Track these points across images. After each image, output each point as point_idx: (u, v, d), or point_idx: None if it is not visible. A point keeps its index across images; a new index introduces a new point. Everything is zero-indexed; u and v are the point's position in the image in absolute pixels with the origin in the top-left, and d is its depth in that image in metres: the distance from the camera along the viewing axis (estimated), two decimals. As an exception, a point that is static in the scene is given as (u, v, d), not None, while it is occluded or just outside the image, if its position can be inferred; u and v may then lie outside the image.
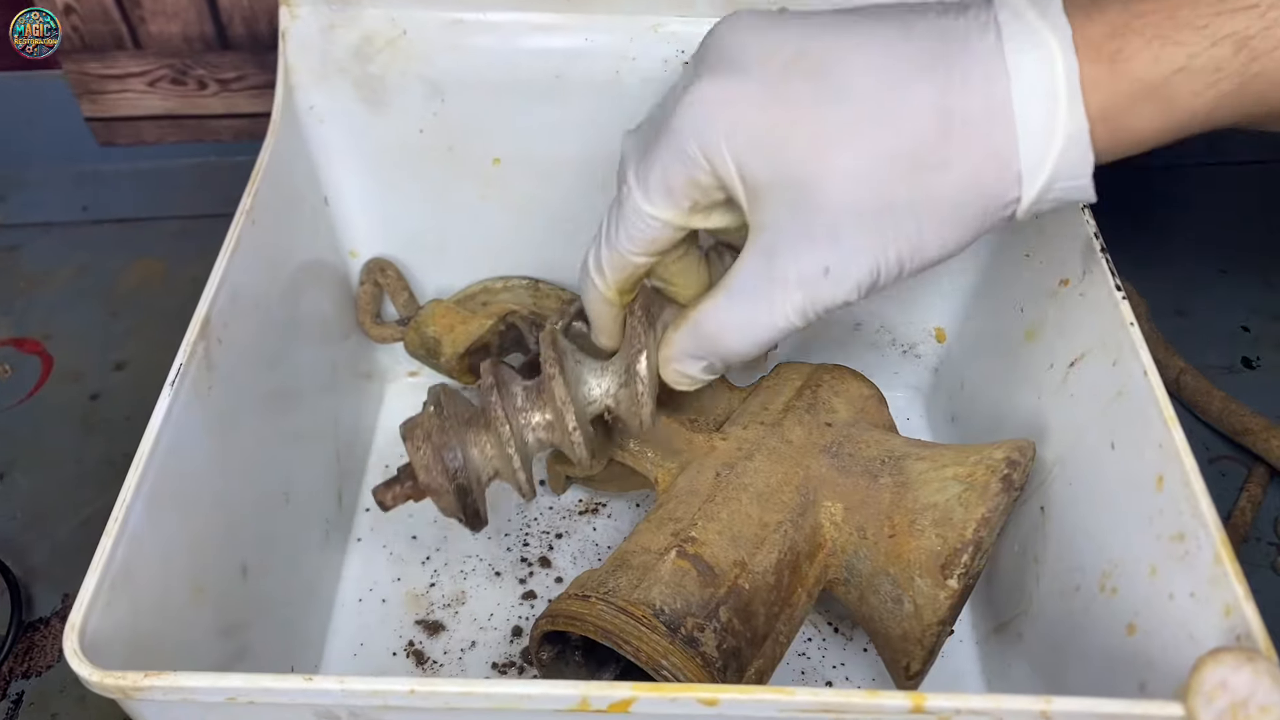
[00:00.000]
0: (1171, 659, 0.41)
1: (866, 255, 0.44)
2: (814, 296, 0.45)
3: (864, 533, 0.53)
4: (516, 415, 0.52)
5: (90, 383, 0.73)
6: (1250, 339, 0.76)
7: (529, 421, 0.53)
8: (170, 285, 0.79)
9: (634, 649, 0.46)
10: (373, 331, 0.68)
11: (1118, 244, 0.52)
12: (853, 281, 0.44)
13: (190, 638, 0.46)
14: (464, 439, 0.52)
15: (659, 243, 0.48)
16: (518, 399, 0.53)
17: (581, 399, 0.53)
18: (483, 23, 0.58)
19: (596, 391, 0.53)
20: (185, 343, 0.46)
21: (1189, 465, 0.42)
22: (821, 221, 0.43)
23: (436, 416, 0.52)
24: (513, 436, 0.52)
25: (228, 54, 0.79)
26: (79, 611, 0.38)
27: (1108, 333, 0.49)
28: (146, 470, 0.42)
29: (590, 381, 0.53)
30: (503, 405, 0.52)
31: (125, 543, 0.40)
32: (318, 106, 0.60)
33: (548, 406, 0.52)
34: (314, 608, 0.60)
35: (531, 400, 0.53)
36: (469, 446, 0.53)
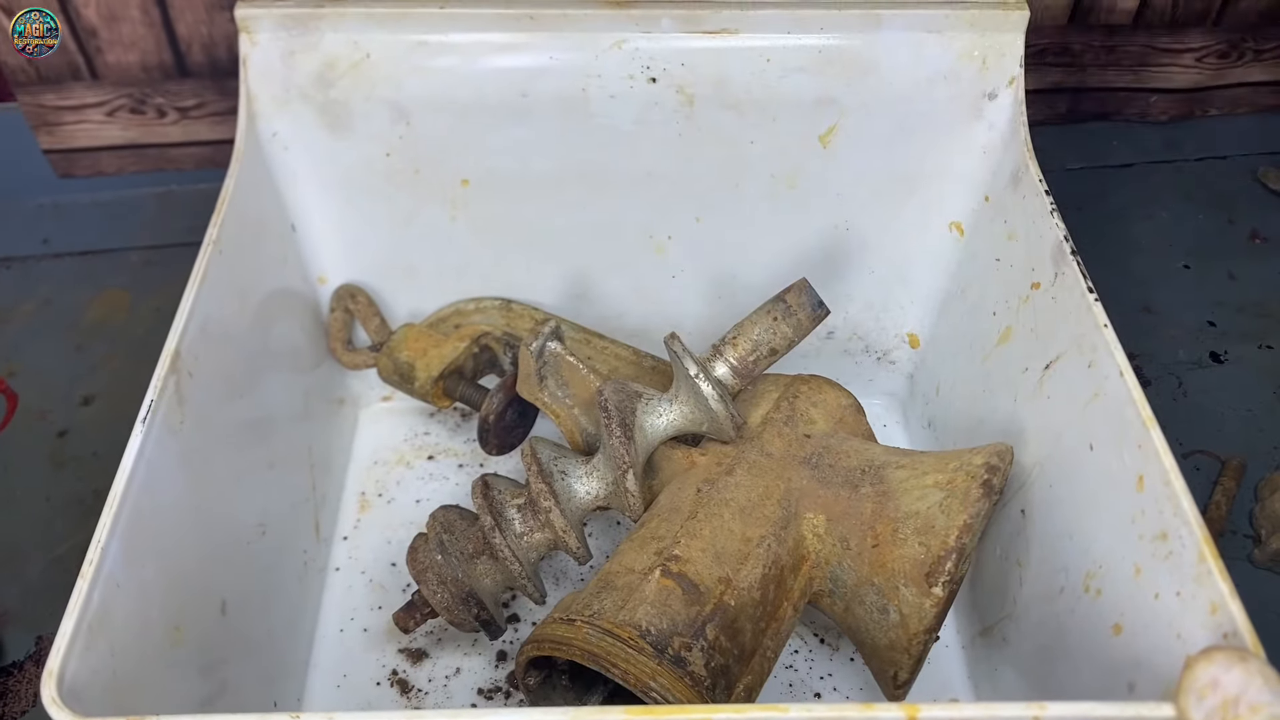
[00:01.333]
0: (1159, 658, 0.41)
1: None
2: None
3: (847, 544, 0.52)
4: (519, 541, 0.55)
5: (58, 419, 0.72)
6: (1217, 333, 0.76)
7: (531, 542, 0.55)
8: (136, 316, 0.78)
9: (621, 671, 0.46)
10: (345, 359, 0.67)
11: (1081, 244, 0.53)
12: None
13: (170, 677, 0.45)
14: (473, 573, 0.55)
15: None
16: (515, 525, 0.55)
17: (574, 512, 0.55)
18: (446, 44, 0.58)
19: (587, 498, 0.55)
20: (155, 378, 0.46)
21: (1169, 464, 0.43)
22: None
23: (444, 558, 0.55)
24: (516, 559, 0.55)
25: (187, 82, 0.78)
26: (56, 657, 0.37)
27: (1082, 334, 0.50)
28: (120, 509, 0.41)
29: (578, 490, 0.55)
30: (504, 539, 0.54)
31: (101, 584, 0.40)
32: (281, 133, 0.60)
33: (545, 527, 0.55)
34: (294, 640, 0.59)
35: (528, 523, 0.55)
36: (480, 579, 0.55)
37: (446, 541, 0.55)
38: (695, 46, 0.59)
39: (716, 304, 0.68)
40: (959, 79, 0.59)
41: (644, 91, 0.60)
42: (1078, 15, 0.81)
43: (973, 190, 0.62)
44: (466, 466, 0.69)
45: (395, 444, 0.70)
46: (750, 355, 0.53)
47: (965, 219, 0.63)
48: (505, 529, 0.55)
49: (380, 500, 0.67)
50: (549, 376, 0.59)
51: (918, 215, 0.64)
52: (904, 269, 0.66)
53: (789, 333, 0.52)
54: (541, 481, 0.54)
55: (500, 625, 0.58)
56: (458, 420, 0.72)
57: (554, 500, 0.53)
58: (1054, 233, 0.53)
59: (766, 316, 0.53)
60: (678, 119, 0.61)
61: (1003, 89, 0.59)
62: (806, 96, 0.60)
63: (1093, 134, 0.87)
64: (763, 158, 0.62)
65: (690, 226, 0.65)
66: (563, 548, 0.55)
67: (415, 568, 0.56)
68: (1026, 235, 0.56)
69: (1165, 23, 0.82)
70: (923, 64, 0.59)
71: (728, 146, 0.62)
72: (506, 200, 0.64)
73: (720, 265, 0.67)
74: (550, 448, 0.56)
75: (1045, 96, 0.85)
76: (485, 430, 0.62)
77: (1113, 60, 0.84)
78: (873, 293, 0.68)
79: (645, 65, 0.59)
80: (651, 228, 0.65)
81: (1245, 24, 0.83)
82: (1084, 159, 0.86)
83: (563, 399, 0.59)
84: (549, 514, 0.54)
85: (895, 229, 0.65)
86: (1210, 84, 0.87)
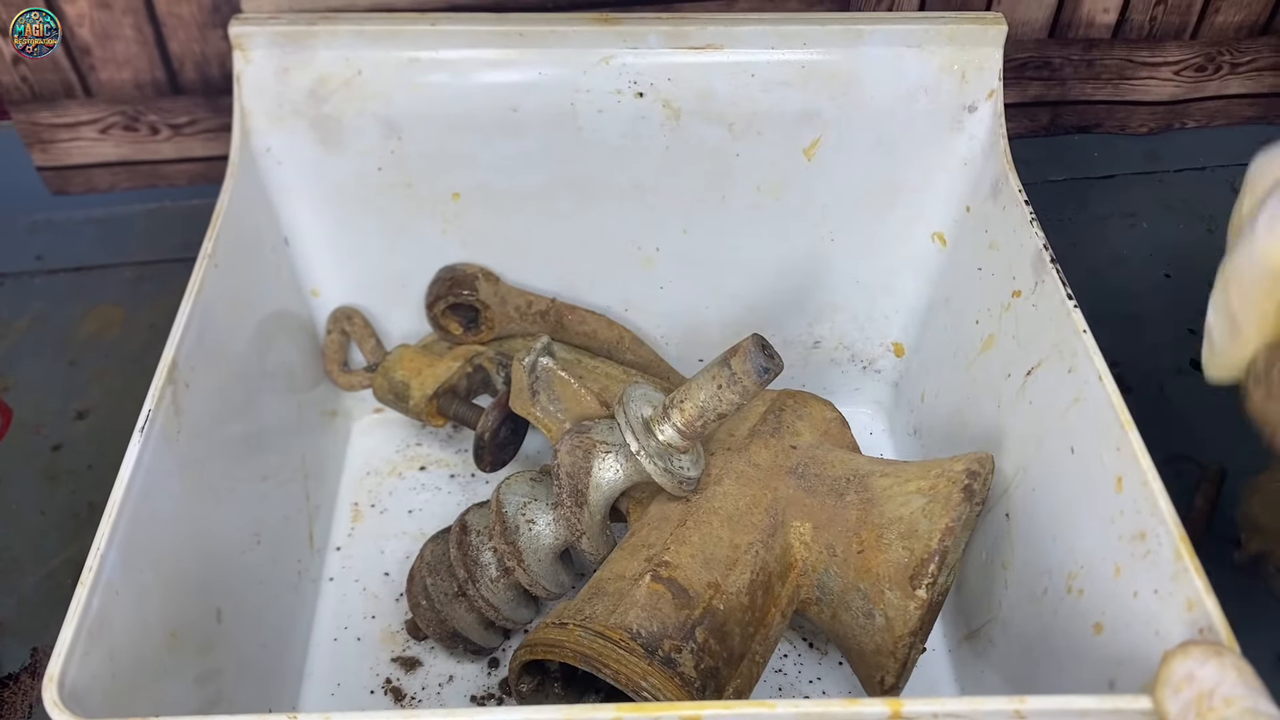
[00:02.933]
0: (1138, 655, 0.42)
1: None
2: None
3: (833, 550, 0.53)
4: (494, 586, 0.57)
5: (51, 433, 0.72)
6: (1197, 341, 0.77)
7: (509, 583, 0.57)
8: (129, 331, 0.79)
9: (613, 671, 0.47)
10: (341, 380, 0.68)
11: (1064, 254, 0.54)
12: None
13: (166, 684, 0.45)
14: (457, 613, 0.58)
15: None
16: (491, 570, 0.57)
17: (543, 561, 0.56)
18: (437, 60, 0.59)
19: (556, 543, 0.56)
20: (153, 388, 0.46)
21: (1146, 465, 0.44)
22: None
23: (427, 603, 0.58)
24: (492, 606, 0.57)
25: (180, 99, 0.79)
26: (57, 662, 0.37)
27: (1062, 340, 0.51)
28: (119, 517, 0.42)
29: (545, 538, 0.56)
30: (478, 589, 0.57)
31: (100, 591, 0.40)
32: (275, 148, 0.61)
33: (517, 570, 0.56)
34: (289, 648, 0.60)
35: (502, 569, 0.57)
36: (465, 616, 0.58)
37: (430, 586, 0.58)
38: (681, 62, 0.60)
39: (704, 314, 0.69)
40: (939, 92, 0.61)
41: (631, 106, 0.61)
42: (1057, 29, 0.82)
43: (954, 201, 0.63)
44: (458, 477, 0.70)
45: (388, 455, 0.71)
46: (698, 420, 0.52)
47: (947, 229, 0.64)
48: (480, 577, 0.57)
49: (373, 511, 0.68)
50: (541, 391, 0.60)
51: (901, 226, 0.65)
52: (888, 279, 0.68)
53: (735, 399, 0.51)
54: (505, 542, 0.55)
55: (492, 647, 0.60)
56: (449, 432, 0.73)
57: (518, 560, 0.55)
58: (1034, 241, 0.54)
59: (711, 382, 0.52)
60: (664, 133, 0.62)
61: (982, 102, 0.60)
62: (791, 110, 0.61)
63: (1074, 146, 0.88)
64: (748, 170, 0.63)
65: (677, 238, 0.66)
66: (535, 593, 0.57)
67: (410, 599, 0.59)
68: (1007, 244, 0.57)
69: (1144, 37, 0.83)
70: (904, 78, 0.60)
71: (714, 160, 0.63)
72: (496, 213, 0.65)
73: (707, 277, 0.68)
74: (520, 492, 0.57)
75: (1026, 110, 0.86)
76: (480, 448, 0.63)
77: (1092, 74, 0.85)
78: (858, 303, 0.69)
79: (632, 80, 0.60)
80: (639, 240, 0.66)
81: (1222, 38, 0.85)
82: (1065, 171, 0.87)
83: (555, 413, 0.60)
84: (515, 573, 0.56)
85: (879, 239, 0.66)
86: (1188, 97, 0.88)
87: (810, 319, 0.70)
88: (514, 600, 0.57)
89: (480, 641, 0.59)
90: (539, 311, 0.67)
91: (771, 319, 0.69)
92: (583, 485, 0.53)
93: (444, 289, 0.65)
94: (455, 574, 0.57)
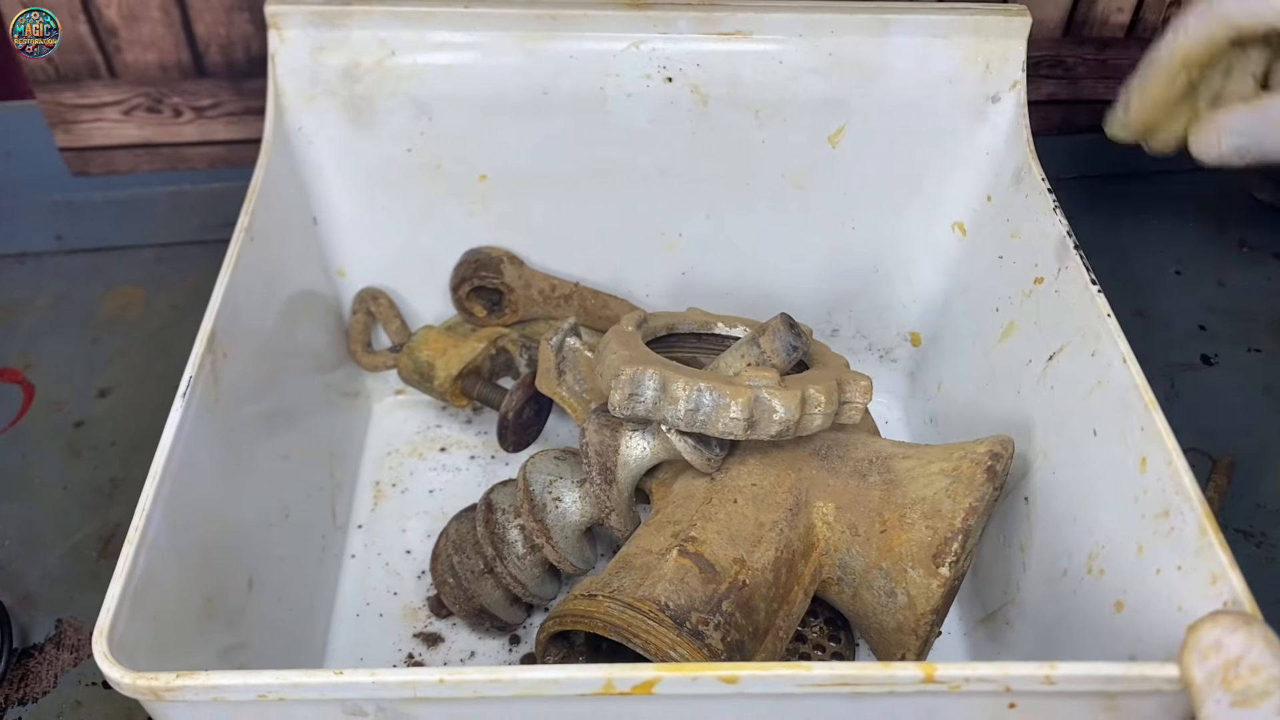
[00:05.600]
0: (1160, 631, 0.43)
1: None
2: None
3: (856, 530, 0.54)
4: (520, 563, 0.57)
5: (73, 410, 0.73)
6: (1208, 336, 0.79)
7: (536, 559, 0.58)
8: (150, 311, 0.79)
9: (643, 642, 0.47)
10: (365, 360, 0.68)
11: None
12: None
13: (200, 649, 0.46)
14: (483, 589, 0.58)
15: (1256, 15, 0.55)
16: (517, 546, 0.57)
17: (569, 538, 0.57)
18: (470, 42, 0.60)
19: (583, 520, 0.57)
20: (193, 356, 0.47)
21: (1171, 445, 0.45)
22: None
23: (455, 580, 0.59)
24: (519, 582, 0.58)
25: (204, 81, 0.80)
26: (106, 616, 0.38)
27: (1086, 325, 0.52)
28: (163, 479, 0.43)
29: (572, 515, 0.57)
30: (506, 566, 0.57)
31: (146, 551, 0.41)
32: (307, 127, 0.61)
33: (545, 546, 0.56)
34: (312, 623, 0.60)
35: (529, 545, 0.57)
36: (491, 592, 0.58)
37: (457, 564, 0.58)
38: (711, 48, 0.61)
39: (725, 301, 0.70)
40: (963, 82, 0.61)
41: (660, 91, 0.62)
42: (1072, 28, 0.83)
43: (975, 190, 0.64)
44: (478, 458, 0.71)
45: (408, 435, 0.72)
46: None
47: (967, 218, 0.65)
48: (507, 554, 0.57)
49: (394, 490, 0.69)
50: (567, 371, 0.60)
51: (922, 215, 0.66)
52: (907, 268, 0.68)
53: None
54: (533, 519, 0.56)
55: (515, 623, 0.61)
56: (468, 415, 0.73)
57: (546, 537, 0.56)
58: (1057, 229, 0.55)
59: (740, 360, 0.53)
60: (691, 118, 0.63)
61: (1005, 92, 0.61)
62: (816, 98, 0.62)
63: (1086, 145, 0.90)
64: (773, 157, 0.64)
65: (701, 223, 0.67)
66: (563, 569, 0.57)
67: (435, 576, 0.60)
68: (1029, 232, 0.58)
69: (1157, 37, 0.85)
70: (929, 68, 0.61)
71: (739, 146, 0.64)
72: (523, 196, 0.65)
73: (729, 262, 0.69)
74: (546, 470, 0.58)
75: (1040, 108, 0.87)
76: (504, 428, 0.64)
77: (1106, 73, 0.86)
78: (876, 291, 0.70)
79: (662, 65, 0.61)
80: (663, 224, 0.67)
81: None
82: (1077, 169, 0.88)
83: (580, 393, 0.61)
84: (543, 549, 0.56)
85: (899, 228, 0.67)
86: (1199, 97, 0.89)
87: (829, 307, 0.71)
88: (540, 577, 0.58)
89: (505, 617, 0.59)
90: (562, 295, 0.68)
91: (790, 306, 0.69)
92: (610, 462, 0.54)
93: (469, 271, 0.66)
94: (482, 551, 0.58)
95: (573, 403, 0.61)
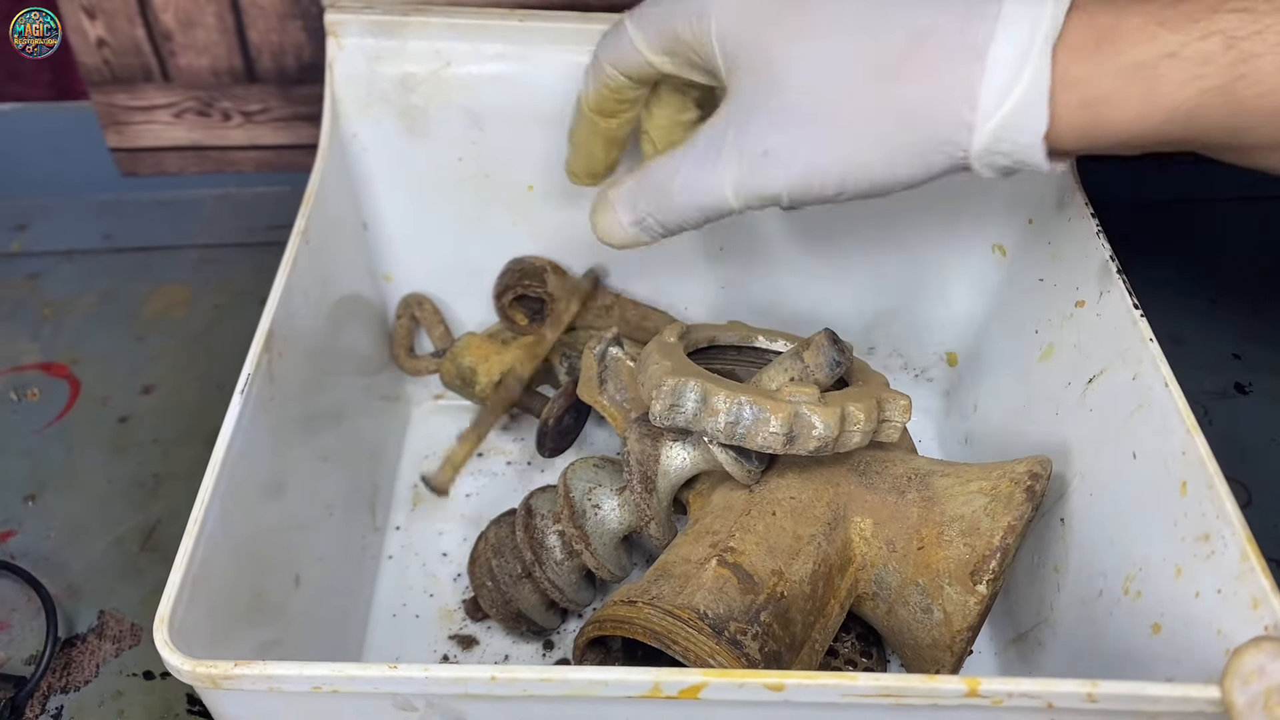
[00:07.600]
0: (1198, 654, 0.43)
1: (806, 149, 0.46)
2: (747, 175, 0.48)
3: (893, 546, 0.55)
4: (559, 569, 0.58)
5: (118, 406, 0.74)
6: (1242, 365, 0.79)
7: (574, 565, 0.58)
8: (195, 311, 0.81)
9: (682, 649, 0.48)
10: (407, 365, 0.70)
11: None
12: (785, 175, 0.47)
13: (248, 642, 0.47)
14: (521, 594, 0.59)
15: (630, 67, 0.52)
16: (556, 552, 0.58)
17: (608, 545, 0.58)
18: (523, 55, 0.61)
19: (621, 527, 0.58)
20: (251, 354, 0.48)
21: (1213, 469, 0.45)
22: (777, 100, 0.46)
23: (493, 584, 0.59)
24: (558, 588, 0.59)
25: (254, 87, 0.81)
26: (166, 604, 0.39)
27: (1127, 349, 0.52)
28: (221, 472, 0.44)
29: (611, 522, 0.57)
30: (544, 571, 0.58)
31: (204, 542, 0.42)
32: (361, 134, 0.62)
33: (584, 552, 0.57)
34: (350, 623, 0.61)
35: (567, 551, 0.58)
36: (529, 597, 0.59)
37: (495, 567, 0.59)
38: (759, 67, 0.62)
39: (763, 315, 0.71)
40: (1008, 107, 0.62)
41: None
42: (1113, 56, 0.84)
43: (1017, 213, 0.64)
44: (515, 463, 0.72)
45: (446, 440, 0.73)
46: None
47: (1008, 241, 0.65)
48: (545, 559, 0.58)
49: (431, 494, 0.70)
50: (609, 380, 0.61)
51: (962, 236, 0.66)
52: (946, 289, 0.69)
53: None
54: (573, 525, 0.57)
55: (551, 628, 0.62)
56: (505, 421, 0.74)
57: (585, 543, 0.57)
58: (1100, 253, 0.56)
59: (784, 375, 0.54)
60: (737, 135, 0.63)
61: (1050, 118, 0.62)
62: (862, 118, 0.63)
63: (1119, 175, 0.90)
64: (816, 175, 0.65)
65: (742, 238, 0.68)
66: (600, 575, 0.58)
67: (473, 579, 0.60)
68: (1071, 255, 0.58)
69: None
70: (974, 91, 0.62)
71: (784, 163, 0.64)
72: (567, 206, 0.66)
73: (768, 278, 0.69)
74: (586, 477, 0.58)
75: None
76: (544, 433, 0.65)
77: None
78: (915, 312, 0.71)
79: (710, 82, 0.62)
80: (704, 238, 0.68)
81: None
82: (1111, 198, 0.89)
83: (620, 402, 0.62)
84: (581, 555, 0.57)
85: (939, 250, 0.67)
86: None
87: (867, 325, 0.72)
88: (577, 583, 0.59)
89: (542, 622, 0.60)
90: (603, 306, 0.69)
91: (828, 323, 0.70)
92: (651, 471, 0.55)
93: (513, 280, 0.67)
94: (521, 556, 0.58)
95: (613, 411, 0.62)
